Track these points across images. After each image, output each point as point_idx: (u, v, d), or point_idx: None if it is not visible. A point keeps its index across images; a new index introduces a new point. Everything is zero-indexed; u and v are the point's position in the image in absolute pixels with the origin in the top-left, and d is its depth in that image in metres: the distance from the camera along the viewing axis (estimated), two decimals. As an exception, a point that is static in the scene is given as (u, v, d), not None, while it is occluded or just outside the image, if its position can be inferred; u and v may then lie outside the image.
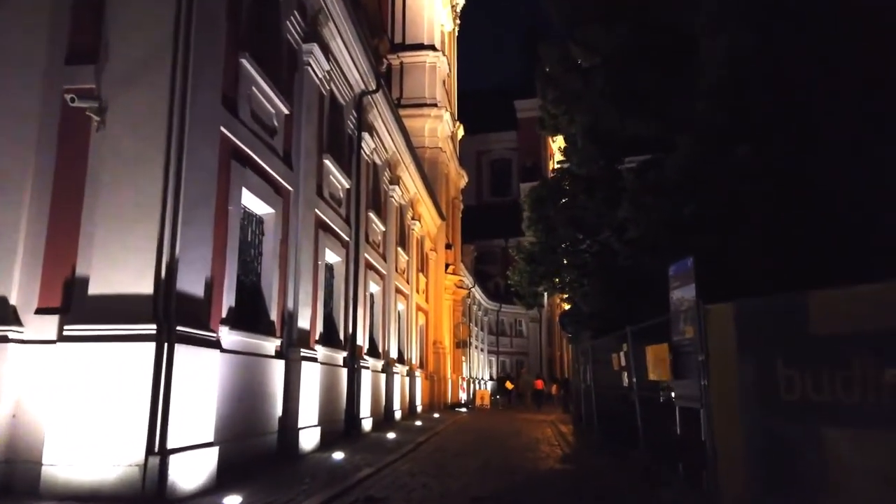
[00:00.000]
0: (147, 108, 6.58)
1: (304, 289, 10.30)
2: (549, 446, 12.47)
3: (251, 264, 9.06)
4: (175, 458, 5.98)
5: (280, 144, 9.72)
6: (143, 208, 6.38)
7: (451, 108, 32.10)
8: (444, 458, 10.21)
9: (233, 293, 7.98)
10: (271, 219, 9.45)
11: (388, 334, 17.56)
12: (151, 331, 6.05)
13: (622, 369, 9.93)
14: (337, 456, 9.52)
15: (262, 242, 9.37)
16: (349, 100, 13.84)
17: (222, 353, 7.55)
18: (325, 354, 11.56)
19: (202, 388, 6.63)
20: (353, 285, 13.59)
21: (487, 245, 52.62)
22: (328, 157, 12.00)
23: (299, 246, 10.22)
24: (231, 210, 7.93)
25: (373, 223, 16.07)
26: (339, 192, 13.03)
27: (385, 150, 17.65)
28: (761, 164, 9.36)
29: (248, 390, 8.33)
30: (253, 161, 8.65)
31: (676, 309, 7.19)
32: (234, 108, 8.14)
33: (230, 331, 7.78)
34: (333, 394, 12.09)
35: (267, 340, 9.02)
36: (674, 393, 7.16)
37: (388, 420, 16.53)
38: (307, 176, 10.63)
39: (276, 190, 9.50)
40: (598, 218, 13.62)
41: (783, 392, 4.80)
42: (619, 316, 13.38)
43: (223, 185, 7.73)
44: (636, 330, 8.92)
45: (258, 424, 8.68)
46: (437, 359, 27.16)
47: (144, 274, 6.26)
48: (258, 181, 8.83)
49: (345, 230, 13.31)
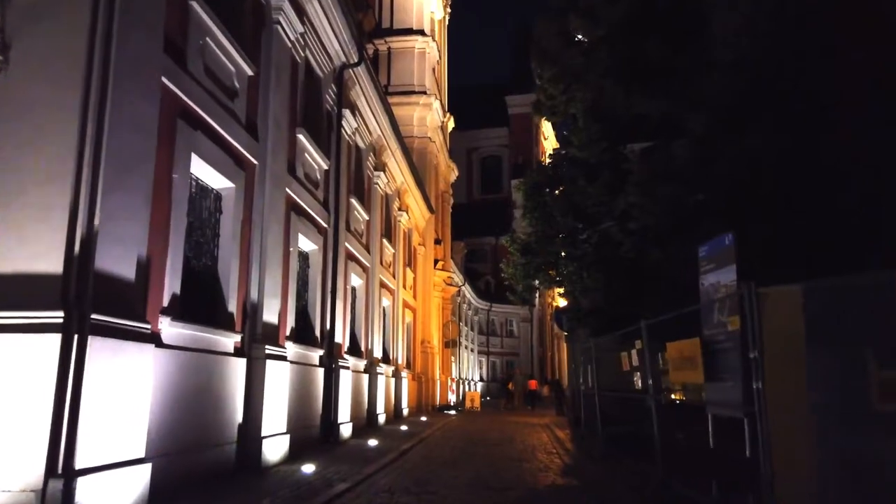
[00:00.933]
0: (61, 46, 5.30)
1: (271, 277, 9.02)
2: (547, 454, 11.27)
3: (206, 246, 7.78)
4: (85, 481, 4.71)
5: (242, 110, 8.43)
6: (54, 167, 5.10)
7: (442, 98, 30.86)
8: (430, 470, 8.97)
9: (178, 278, 6.69)
10: (231, 195, 8.17)
11: (371, 332, 16.28)
12: (57, 319, 4.78)
13: (633, 370, 8.74)
14: (307, 469, 8.26)
15: (219, 222, 8.08)
16: (328, 72, 12.56)
17: (162, 348, 6.28)
18: (296, 352, 10.28)
19: (129, 391, 5.35)
20: (331, 277, 12.31)
21: (478, 243, 51.64)
22: (303, 132, 10.73)
23: (266, 228, 8.94)
24: (176, 179, 6.65)
25: (355, 210, 14.79)
26: (315, 173, 11.75)
27: (369, 133, 16.37)
28: (777, 146, 8.46)
29: (198, 393, 7.05)
30: (207, 124, 7.37)
31: (709, 297, 6.00)
32: (182, 58, 6.85)
33: (173, 322, 6.50)
34: (307, 397, 10.82)
35: (224, 335, 7.74)
36: (705, 398, 5.95)
37: (370, 425, 15.26)
38: (276, 150, 9.35)
39: (237, 162, 8.22)
40: (600, 205, 12.49)
41: (877, 399, 3.61)
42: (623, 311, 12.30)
43: (166, 148, 6.44)
44: (653, 324, 7.72)
45: (211, 434, 7.40)
46: (425, 359, 25.88)
47: (52, 248, 4.98)
48: (214, 149, 7.54)
49: (322, 215, 12.03)
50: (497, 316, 52.60)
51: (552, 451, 11.72)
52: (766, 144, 8.84)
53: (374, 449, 11.02)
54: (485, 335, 51.09)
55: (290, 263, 10.23)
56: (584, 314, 13.49)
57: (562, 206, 13.39)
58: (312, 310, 11.71)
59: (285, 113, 9.84)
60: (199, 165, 7.27)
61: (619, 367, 11.14)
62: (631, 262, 12.02)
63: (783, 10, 8.54)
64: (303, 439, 10.13)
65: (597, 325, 13.16)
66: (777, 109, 8.88)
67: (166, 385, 6.35)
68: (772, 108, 8.93)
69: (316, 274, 11.88)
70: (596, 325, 13.21)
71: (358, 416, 14.11)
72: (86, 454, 4.79)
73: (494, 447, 12.23)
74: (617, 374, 11.47)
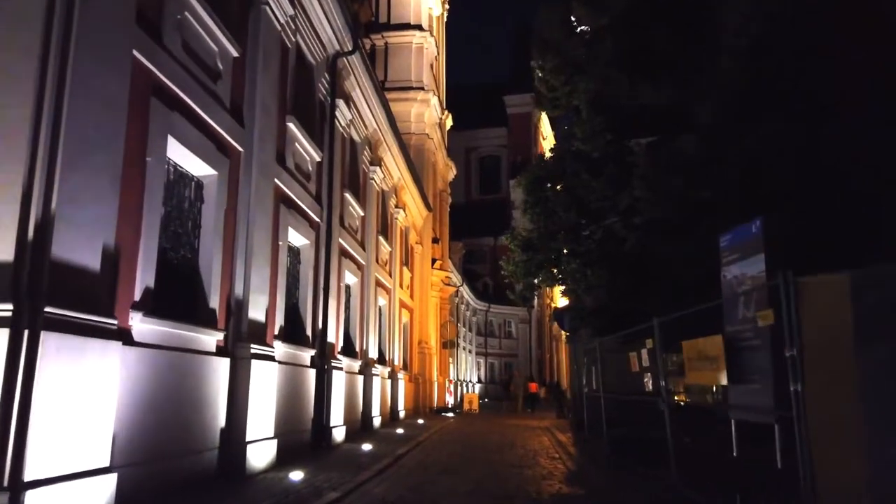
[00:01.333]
0: (16, 8, 4.77)
1: (258, 272, 8.49)
2: (550, 460, 10.73)
3: (185, 237, 7.23)
4: (36, 494, 4.17)
5: (226, 93, 7.90)
6: (5, 142, 4.57)
7: (440, 95, 30.32)
8: (427, 478, 8.43)
9: (152, 270, 6.14)
10: (213, 183, 7.62)
11: (366, 332, 15.73)
12: (6, 313, 4.24)
13: (643, 370, 8.22)
14: (295, 476, 7.71)
15: (201, 212, 7.54)
16: (321, 60, 12.02)
17: (132, 346, 5.74)
18: (286, 352, 9.74)
19: (91, 393, 4.80)
20: (324, 273, 11.76)
21: (476, 243, 51.13)
22: (293, 121, 10.19)
23: (252, 220, 8.40)
24: (150, 162, 6.11)
25: (350, 206, 14.25)
26: (307, 165, 11.22)
27: (364, 126, 15.83)
28: (788, 137, 8.16)
29: (174, 396, 6.51)
30: (185, 105, 6.83)
31: (732, 290, 5.48)
32: (157, 32, 6.32)
33: (146, 318, 5.95)
34: (297, 399, 10.27)
35: (204, 333, 7.19)
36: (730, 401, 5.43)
37: (365, 428, 14.70)
38: (264, 137, 8.81)
39: (220, 147, 7.69)
40: (604, 200, 12.00)
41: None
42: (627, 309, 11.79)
43: (138, 126, 5.90)
44: (666, 322, 7.19)
45: (190, 439, 6.86)
46: (422, 360, 25.33)
47: (2, 233, 4.44)
48: (193, 132, 7.00)
49: (314, 209, 11.49)
50: (495, 317, 52.03)
51: (555, 457, 11.19)
52: (779, 135, 8.47)
53: (368, 454, 10.48)
54: (483, 336, 50.52)
55: (280, 258, 9.69)
56: (588, 313, 12.96)
57: (564, 200, 12.88)
58: (304, 308, 11.16)
59: (274, 99, 9.30)
60: (176, 149, 6.73)
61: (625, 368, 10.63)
62: (636, 259, 11.54)
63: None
64: (292, 444, 9.59)
65: (600, 324, 12.64)
66: (789, 98, 8.53)
67: (138, 386, 5.81)
68: (784, 97, 8.58)
69: (307, 270, 11.33)
70: (599, 324, 12.69)
71: (352, 419, 13.56)
72: (37, 464, 4.24)
73: (494, 452, 11.69)
74: (623, 375, 10.95)
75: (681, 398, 9.10)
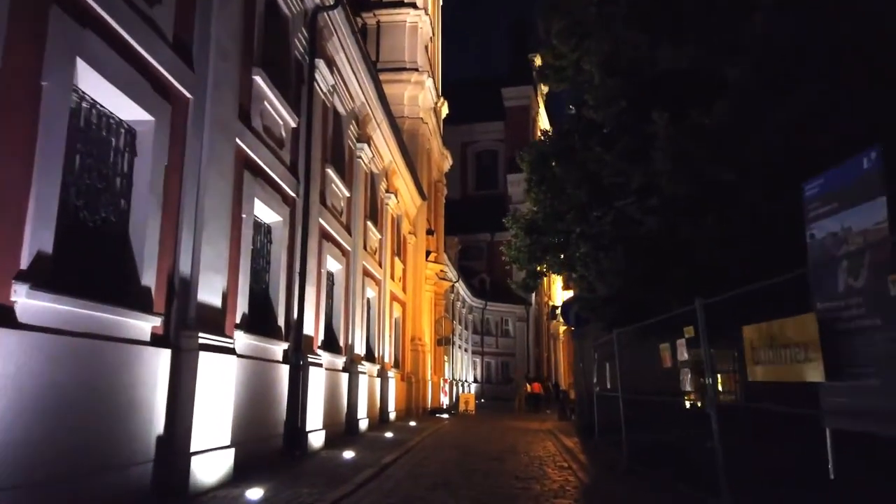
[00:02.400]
0: None
1: (211, 246, 7.01)
2: (558, 470, 9.28)
3: (106, 195, 5.72)
4: None
5: (167, 22, 6.37)
6: None
7: (435, 80, 28.84)
8: (416, 493, 6.98)
9: (50, 229, 4.65)
10: (150, 131, 6.08)
11: (352, 325, 14.24)
12: None
13: (681, 365, 6.78)
14: (253, 494, 6.25)
15: (133, 165, 6.03)
16: (297, 12, 10.53)
17: (14, 330, 4.26)
18: (250, 345, 8.27)
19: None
20: (300, 256, 10.29)
21: (472, 239, 49.81)
22: (261, 74, 8.71)
23: (205, 182, 6.93)
24: (46, 87, 4.61)
25: (333, 183, 12.76)
26: (279, 129, 9.73)
27: (351, 98, 14.34)
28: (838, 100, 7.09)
29: (88, 395, 5.03)
30: (103, 23, 5.32)
31: (826, 253, 4.03)
32: None
33: (35, 292, 4.45)
34: (265, 400, 8.80)
35: (134, 317, 5.69)
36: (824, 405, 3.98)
37: (350, 432, 13.22)
38: (220, 87, 7.33)
39: (158, 89, 6.18)
40: (618, 175, 10.60)
41: None
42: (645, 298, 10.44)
43: (29, 43, 4.42)
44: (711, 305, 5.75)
45: (113, 451, 5.37)
46: (415, 357, 23.83)
47: None
48: (119, 62, 5.49)
49: (289, 181, 10.01)
50: (492, 315, 50.61)
51: (564, 466, 9.73)
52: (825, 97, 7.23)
53: (348, 463, 9.03)
54: (479, 335, 49.08)
55: (244, 232, 8.22)
56: (601, 302, 11.52)
57: (574, 176, 11.46)
58: (275, 294, 9.67)
59: (235, 44, 7.83)
60: (92, 79, 5.24)
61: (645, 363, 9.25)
62: (653, 242, 10.18)
63: None
64: (257, 453, 8.13)
65: (614, 314, 11.21)
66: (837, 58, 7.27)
67: (28, 384, 4.33)
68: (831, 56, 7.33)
69: (280, 251, 9.84)
70: (613, 314, 11.26)
71: (334, 422, 12.08)
72: None
73: (495, 460, 10.22)
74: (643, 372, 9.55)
75: (690, 398, 7.78)
